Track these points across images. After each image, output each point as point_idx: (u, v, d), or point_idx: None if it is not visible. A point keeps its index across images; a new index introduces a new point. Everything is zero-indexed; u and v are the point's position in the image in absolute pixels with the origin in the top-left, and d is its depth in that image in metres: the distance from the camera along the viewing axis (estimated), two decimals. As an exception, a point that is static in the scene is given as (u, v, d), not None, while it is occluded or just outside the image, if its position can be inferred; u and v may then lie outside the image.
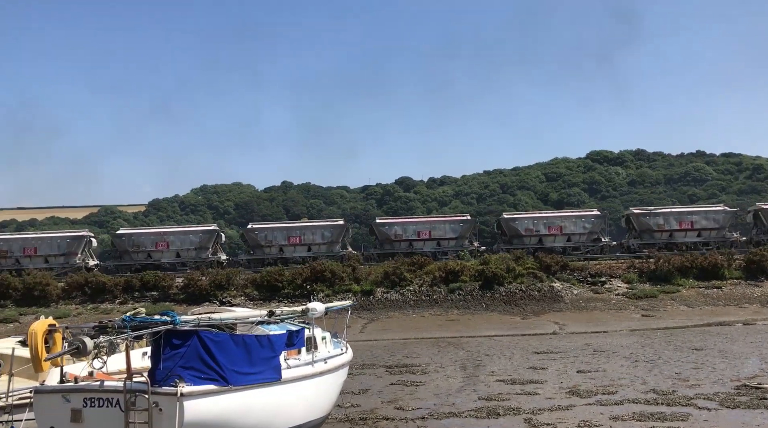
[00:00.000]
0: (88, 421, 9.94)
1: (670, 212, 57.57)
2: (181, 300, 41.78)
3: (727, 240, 52.92)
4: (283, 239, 54.76)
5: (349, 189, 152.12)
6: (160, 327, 9.95)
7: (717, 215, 55.17)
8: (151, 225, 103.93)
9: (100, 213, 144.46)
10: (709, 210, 57.41)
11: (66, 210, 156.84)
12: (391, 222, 58.82)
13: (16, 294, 42.88)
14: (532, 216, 58.28)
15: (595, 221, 55.91)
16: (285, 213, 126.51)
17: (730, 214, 55.57)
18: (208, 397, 10.07)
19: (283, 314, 13.34)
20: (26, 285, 43.01)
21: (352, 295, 40.88)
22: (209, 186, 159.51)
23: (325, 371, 13.39)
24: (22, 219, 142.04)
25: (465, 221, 57.26)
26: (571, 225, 55.25)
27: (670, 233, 54.62)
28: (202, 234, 55.39)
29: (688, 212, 57.16)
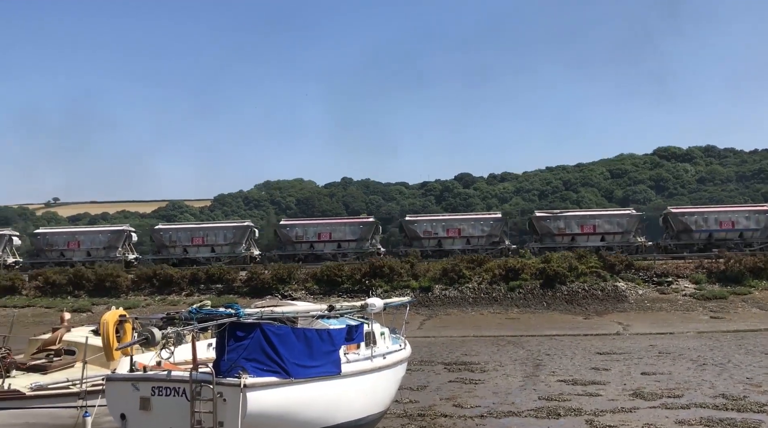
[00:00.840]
0: (156, 409, 10.29)
1: (710, 211, 55.42)
2: (245, 293, 42.71)
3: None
4: (314, 235, 55.34)
5: (408, 185, 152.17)
6: (224, 319, 10.20)
7: (761, 215, 53.02)
8: (216, 219, 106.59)
9: (168, 207, 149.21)
10: (754, 209, 55.02)
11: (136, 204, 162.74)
12: (419, 219, 58.42)
13: (89, 284, 44.72)
14: (565, 216, 56.66)
15: (630, 220, 54.30)
16: (345, 208, 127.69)
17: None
18: (271, 389, 10.27)
19: (343, 309, 13.51)
20: (98, 276, 44.82)
21: (411, 291, 40.92)
22: (272, 181, 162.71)
23: (384, 366, 13.46)
24: (95, 213, 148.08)
25: (496, 219, 56.47)
26: (604, 224, 53.82)
27: (709, 233, 52.66)
28: (236, 230, 56.32)
29: (730, 211, 54.84)
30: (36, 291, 45.10)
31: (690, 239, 52.19)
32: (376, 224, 58.35)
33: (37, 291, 45.10)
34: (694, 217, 53.27)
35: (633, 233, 53.31)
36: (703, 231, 52.36)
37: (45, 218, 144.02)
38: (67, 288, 44.62)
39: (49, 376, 12.91)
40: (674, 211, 56.03)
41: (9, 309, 41.30)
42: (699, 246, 51.17)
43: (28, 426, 12.14)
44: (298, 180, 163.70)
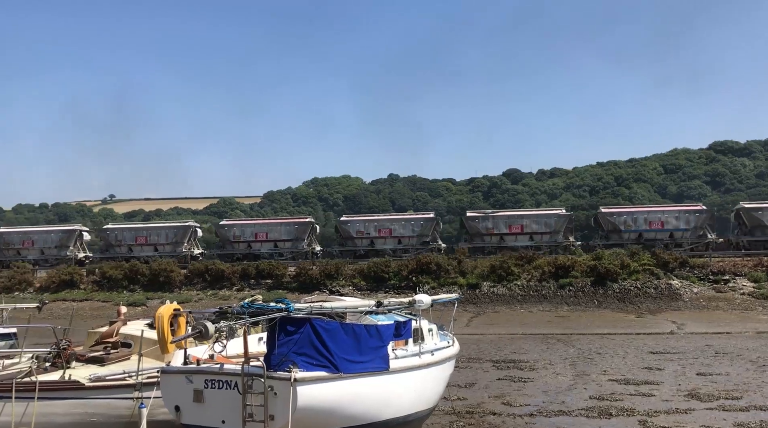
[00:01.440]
0: (209, 402, 10.49)
1: (639, 211, 54.59)
2: (294, 289, 43.22)
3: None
4: (374, 231, 55.35)
5: (455, 181, 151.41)
6: (275, 314, 10.32)
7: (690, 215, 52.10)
8: (265, 216, 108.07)
9: (219, 204, 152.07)
10: (684, 209, 54.32)
11: (188, 201, 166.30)
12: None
13: (144, 279, 45.96)
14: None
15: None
16: (392, 205, 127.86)
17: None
18: (320, 383, 10.36)
19: (391, 305, 13.51)
20: (153, 271, 46.01)
21: (458, 288, 40.75)
22: (319, 178, 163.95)
23: (432, 363, 13.42)
24: (149, 210, 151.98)
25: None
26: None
27: (639, 233, 51.81)
28: (298, 226, 56.76)
29: (659, 211, 54.18)
30: (93, 285, 46.59)
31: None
32: (437, 220, 57.80)
33: (94, 285, 46.58)
34: (623, 217, 53.28)
35: (562, 233, 52.95)
36: (633, 231, 52.37)
37: (101, 214, 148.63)
38: (122, 283, 45.95)
39: (107, 368, 13.31)
40: (604, 210, 56.00)
41: (68, 302, 42.79)
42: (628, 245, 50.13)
43: (87, 415, 12.54)
44: (345, 176, 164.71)
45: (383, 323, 12.36)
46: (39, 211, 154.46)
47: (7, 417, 11.68)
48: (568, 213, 56.81)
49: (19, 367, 13.22)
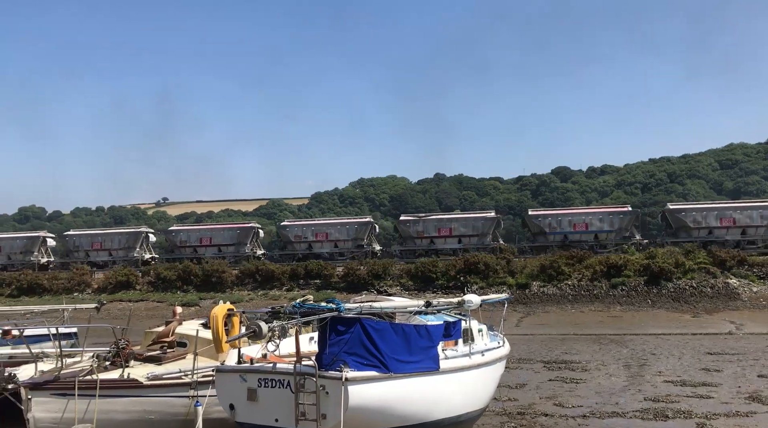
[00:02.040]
0: (263, 400, 10.68)
1: (563, 214, 54.27)
2: (342, 288, 43.56)
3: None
4: (434, 230, 55.07)
5: (503, 180, 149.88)
6: (326, 314, 10.44)
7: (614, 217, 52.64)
8: (313, 217, 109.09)
9: (268, 205, 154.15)
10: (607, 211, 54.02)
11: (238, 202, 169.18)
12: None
13: (197, 280, 47.00)
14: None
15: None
16: (438, 205, 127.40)
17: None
18: (371, 383, 10.42)
19: (440, 305, 13.49)
20: (205, 272, 47.02)
21: (507, 288, 40.40)
22: (366, 179, 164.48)
23: (483, 363, 13.35)
24: (201, 212, 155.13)
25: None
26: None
27: (564, 235, 51.52)
28: (358, 226, 57.03)
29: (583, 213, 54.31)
30: (148, 286, 47.85)
31: (546, 240, 52.53)
32: (498, 219, 57.37)
33: (149, 286, 47.84)
34: (548, 220, 53.77)
35: (490, 235, 53.85)
36: (557, 234, 53.00)
37: (155, 217, 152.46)
38: (176, 284, 47.09)
39: (164, 367, 13.65)
40: (531, 213, 56.72)
41: (125, 303, 44.09)
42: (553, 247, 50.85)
43: (145, 413, 12.89)
44: (391, 177, 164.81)
45: (433, 323, 12.36)
46: (96, 215, 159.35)
47: (71, 413, 12.10)
48: (496, 216, 57.47)
49: (80, 366, 13.66)
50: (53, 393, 12.27)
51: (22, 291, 48.44)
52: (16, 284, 49.17)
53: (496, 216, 56.91)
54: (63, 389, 12.28)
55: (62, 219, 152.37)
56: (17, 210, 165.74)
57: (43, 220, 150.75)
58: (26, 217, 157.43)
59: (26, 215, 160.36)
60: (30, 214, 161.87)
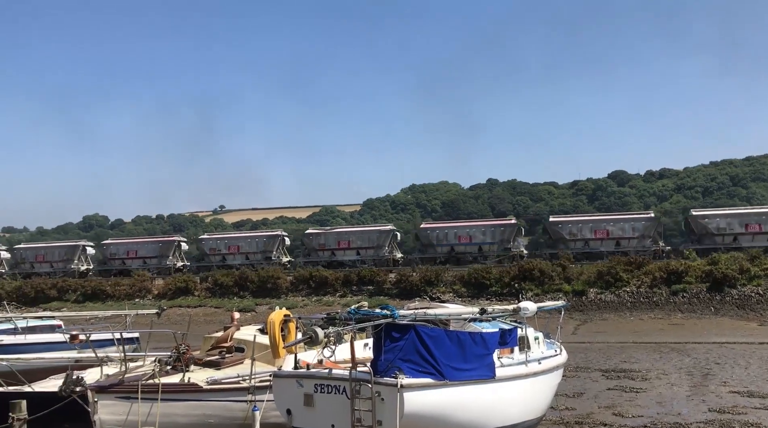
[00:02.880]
0: (319, 406, 10.79)
1: (450, 226, 55.07)
2: (394, 295, 43.57)
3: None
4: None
5: (558, 184, 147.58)
6: (380, 320, 10.49)
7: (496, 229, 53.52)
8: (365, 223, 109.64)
9: (321, 212, 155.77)
10: (490, 224, 54.76)
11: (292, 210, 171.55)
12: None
13: (253, 286, 47.79)
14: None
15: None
16: (491, 210, 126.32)
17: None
18: (426, 390, 10.41)
19: (495, 312, 13.39)
20: (261, 278, 47.77)
21: (563, 295, 39.70)
22: (417, 185, 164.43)
23: (539, 371, 13.18)
24: (256, 219, 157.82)
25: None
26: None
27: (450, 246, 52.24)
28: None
29: (467, 226, 55.80)
30: (206, 292, 48.91)
31: (435, 252, 54.52)
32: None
33: (207, 292, 48.89)
34: (435, 232, 55.91)
35: (386, 248, 56.66)
36: (445, 245, 54.89)
37: (213, 224, 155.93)
38: (233, 290, 47.97)
39: (222, 371, 13.93)
40: (423, 226, 59.48)
41: (184, 308, 45.16)
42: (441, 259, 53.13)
43: (205, 417, 13.18)
44: (443, 182, 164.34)
45: (488, 330, 12.29)
46: (156, 222, 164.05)
47: (134, 416, 12.47)
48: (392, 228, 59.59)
49: (143, 370, 14.05)
50: (118, 396, 12.67)
51: (87, 297, 50.21)
52: (81, 290, 51.00)
53: (392, 228, 59.86)
54: (127, 392, 12.66)
55: (124, 227, 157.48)
56: (82, 218, 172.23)
57: (106, 228, 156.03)
58: (90, 226, 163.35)
59: (90, 223, 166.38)
60: (94, 222, 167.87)
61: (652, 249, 50.27)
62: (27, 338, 22.31)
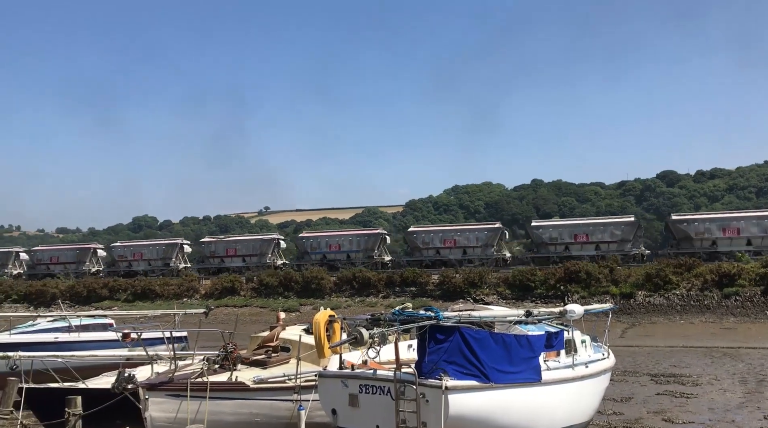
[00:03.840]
0: (364, 406, 10.85)
1: (437, 230, 55.00)
2: (437, 296, 43.45)
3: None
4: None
5: (604, 185, 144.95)
6: (425, 321, 10.49)
7: (480, 233, 53.78)
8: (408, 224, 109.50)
9: (363, 213, 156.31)
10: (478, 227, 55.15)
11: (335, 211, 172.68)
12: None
13: (297, 286, 48.28)
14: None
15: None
16: (536, 211, 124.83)
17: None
18: (471, 392, 10.36)
19: (541, 314, 13.23)
20: (305, 278, 48.24)
21: (610, 298, 39.00)
22: (460, 186, 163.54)
23: (586, 375, 12.98)
24: (300, 220, 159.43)
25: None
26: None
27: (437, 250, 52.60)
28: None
29: (453, 230, 56.29)
30: (252, 292, 49.60)
31: (421, 255, 55.83)
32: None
33: (252, 292, 49.58)
34: (422, 236, 57.48)
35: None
36: (431, 248, 56.14)
37: (258, 225, 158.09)
38: (278, 290, 48.54)
39: (269, 371, 14.11)
40: (411, 230, 61.27)
41: (230, 308, 45.89)
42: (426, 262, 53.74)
43: (252, 415, 13.38)
44: (486, 183, 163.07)
45: (534, 333, 12.15)
46: (203, 224, 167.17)
47: (184, 413, 12.73)
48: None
49: (192, 368, 14.34)
50: (168, 394, 12.95)
51: (137, 297, 51.44)
52: (131, 289, 52.31)
53: (276, 236, 64.00)
54: (177, 390, 12.92)
55: (172, 228, 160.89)
56: (131, 219, 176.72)
57: (155, 229, 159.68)
58: (139, 226, 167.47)
59: (139, 224, 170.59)
60: (143, 223, 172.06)
61: (632, 252, 49.87)
62: (81, 336, 22.97)
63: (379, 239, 58.60)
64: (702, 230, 49.57)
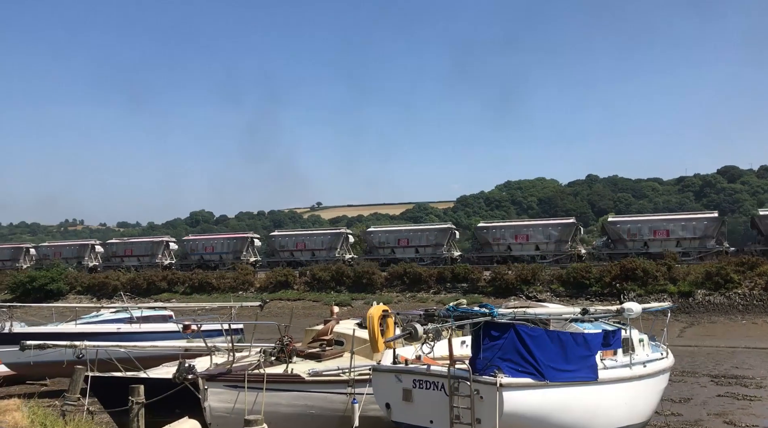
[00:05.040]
0: (417, 401, 10.89)
1: None
2: (489, 293, 43.14)
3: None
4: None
5: (662, 181, 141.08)
6: (479, 318, 10.46)
7: None
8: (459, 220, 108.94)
9: (414, 209, 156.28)
10: None
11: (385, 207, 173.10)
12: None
13: (348, 281, 48.69)
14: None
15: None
16: (590, 207, 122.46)
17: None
18: (526, 390, 10.29)
19: (597, 312, 13.04)
20: (356, 273, 48.62)
21: (668, 296, 38.03)
22: (513, 181, 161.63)
23: (644, 375, 12.74)
24: (351, 215, 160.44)
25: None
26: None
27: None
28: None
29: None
30: (305, 286, 50.26)
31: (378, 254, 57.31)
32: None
33: (305, 286, 50.24)
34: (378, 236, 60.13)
35: (244, 252, 62.96)
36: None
37: (310, 220, 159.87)
38: (330, 284, 49.06)
39: (323, 364, 14.28)
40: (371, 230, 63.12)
41: (284, 301, 46.61)
42: None
43: (306, 407, 13.56)
44: (539, 179, 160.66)
45: (590, 331, 11.99)
46: (257, 218, 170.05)
47: (241, 404, 13.00)
48: (249, 235, 65.11)
49: (248, 360, 14.62)
50: (226, 385, 13.24)
51: (194, 289, 52.79)
52: (189, 282, 53.70)
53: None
54: (234, 381, 13.20)
55: (228, 222, 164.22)
56: (189, 214, 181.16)
57: (211, 224, 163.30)
58: (197, 221, 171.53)
59: (197, 219, 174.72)
60: (200, 218, 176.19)
61: (715, 249, 48.24)
62: (141, 327, 23.70)
63: (449, 234, 58.18)
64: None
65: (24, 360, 19.42)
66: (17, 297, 53.18)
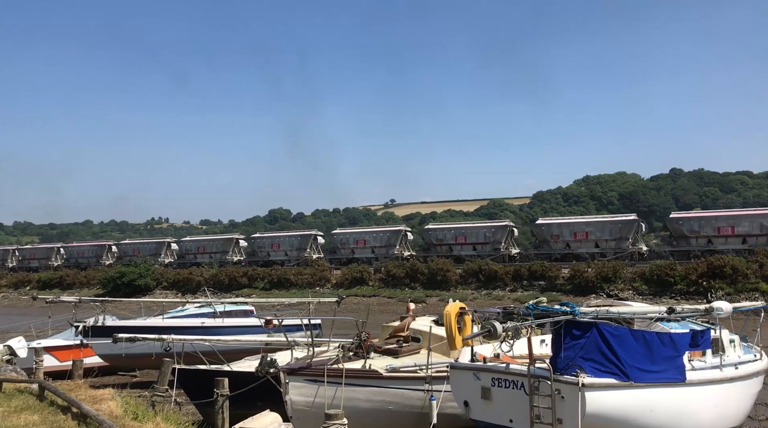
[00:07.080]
0: (496, 400, 10.80)
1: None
2: (567, 291, 42.16)
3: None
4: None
5: (752, 174, 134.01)
6: (561, 317, 10.27)
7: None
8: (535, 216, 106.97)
9: (489, 205, 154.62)
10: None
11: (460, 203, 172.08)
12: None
13: (423, 277, 48.70)
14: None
15: None
16: (675, 202, 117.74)
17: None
18: (609, 391, 10.03)
19: (684, 311, 12.56)
20: (431, 270, 48.56)
21: (760, 295, 36.12)
22: (592, 176, 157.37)
23: (736, 377, 12.18)
24: (425, 212, 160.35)
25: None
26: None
27: None
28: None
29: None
30: (379, 282, 50.62)
31: None
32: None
33: (380, 282, 50.60)
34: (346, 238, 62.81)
35: (230, 252, 67.54)
36: None
37: (384, 217, 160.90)
38: (404, 281, 49.21)
39: (400, 360, 14.35)
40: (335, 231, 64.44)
41: (359, 297, 47.12)
42: None
43: (384, 403, 13.67)
44: (620, 173, 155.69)
45: (677, 331, 11.56)
46: (333, 216, 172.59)
47: (321, 399, 13.24)
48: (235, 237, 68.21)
49: (327, 355, 14.87)
50: (306, 379, 13.51)
51: (273, 285, 54.11)
52: (268, 278, 55.09)
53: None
54: (314, 375, 13.45)
55: (305, 219, 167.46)
56: (267, 212, 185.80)
57: (288, 221, 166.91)
58: (275, 219, 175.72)
59: (275, 217, 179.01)
60: (278, 215, 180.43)
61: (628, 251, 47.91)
62: (224, 321, 24.51)
63: (507, 231, 57.66)
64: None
65: (116, 351, 20.50)
66: (108, 291, 55.97)
